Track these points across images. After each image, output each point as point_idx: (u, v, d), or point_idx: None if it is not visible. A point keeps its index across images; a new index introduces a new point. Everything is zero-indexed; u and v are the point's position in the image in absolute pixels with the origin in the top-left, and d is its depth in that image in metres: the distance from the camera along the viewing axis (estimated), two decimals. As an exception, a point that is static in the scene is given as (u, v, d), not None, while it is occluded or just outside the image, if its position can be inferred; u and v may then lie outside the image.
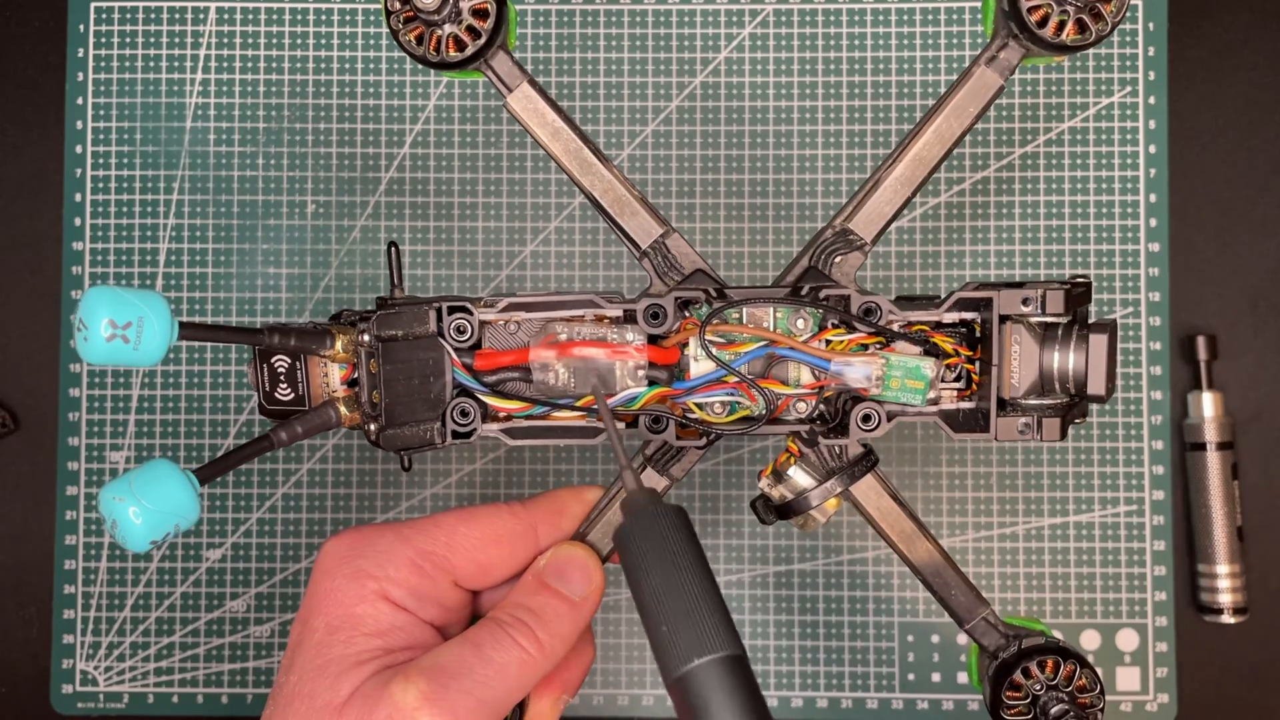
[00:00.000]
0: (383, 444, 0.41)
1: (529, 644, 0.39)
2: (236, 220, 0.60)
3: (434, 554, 0.40)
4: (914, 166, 0.42)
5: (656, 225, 0.42)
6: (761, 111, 0.59)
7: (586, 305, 0.42)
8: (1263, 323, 0.59)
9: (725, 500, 0.59)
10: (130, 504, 0.37)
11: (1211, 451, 0.57)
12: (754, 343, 0.41)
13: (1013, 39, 0.41)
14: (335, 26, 0.60)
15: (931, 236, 0.59)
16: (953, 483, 0.58)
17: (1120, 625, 0.58)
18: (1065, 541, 0.58)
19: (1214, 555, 0.57)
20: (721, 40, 0.59)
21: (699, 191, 0.59)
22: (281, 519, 0.59)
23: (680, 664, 0.34)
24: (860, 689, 0.58)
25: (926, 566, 0.43)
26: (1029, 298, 0.40)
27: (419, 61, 0.40)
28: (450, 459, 0.59)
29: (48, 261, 0.60)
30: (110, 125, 0.60)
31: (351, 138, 0.60)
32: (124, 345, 0.37)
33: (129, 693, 0.59)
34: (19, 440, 0.60)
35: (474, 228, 0.59)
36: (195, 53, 0.60)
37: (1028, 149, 0.59)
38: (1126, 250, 0.59)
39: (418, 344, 0.41)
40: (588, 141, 0.42)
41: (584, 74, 0.59)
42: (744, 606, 0.58)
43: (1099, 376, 0.40)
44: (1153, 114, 0.59)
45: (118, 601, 0.59)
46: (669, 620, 0.35)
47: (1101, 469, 0.58)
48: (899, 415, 0.42)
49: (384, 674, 0.37)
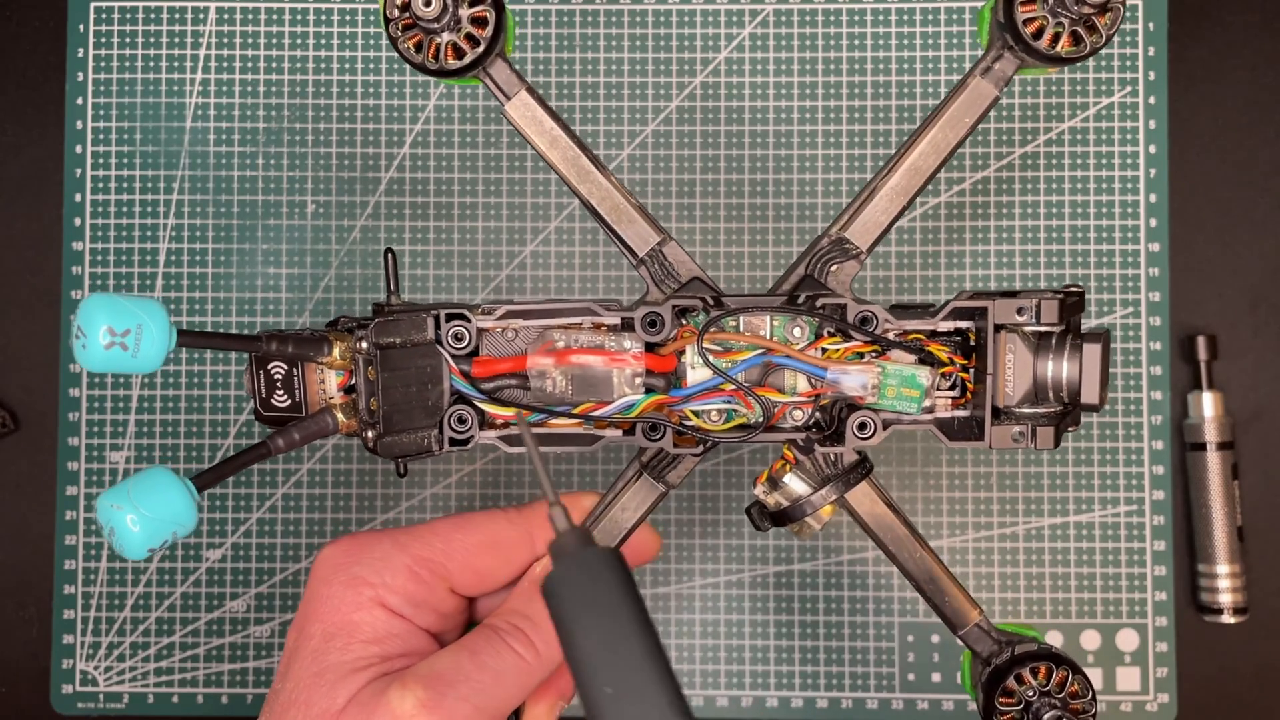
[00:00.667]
0: (380, 451, 0.41)
1: (525, 650, 0.39)
2: (236, 220, 0.60)
3: (431, 560, 0.40)
4: (909, 176, 0.42)
5: (654, 233, 0.43)
6: (761, 111, 0.59)
7: (584, 313, 0.42)
8: (1263, 323, 0.59)
9: (726, 500, 0.59)
10: (128, 512, 0.37)
11: (1211, 451, 0.57)
12: (751, 351, 0.41)
13: (1008, 50, 0.41)
14: (335, 26, 0.60)
15: (931, 236, 0.59)
16: (952, 483, 0.58)
17: (1120, 625, 0.58)
18: (1065, 541, 0.58)
19: (1214, 555, 0.57)
20: (721, 40, 0.59)
21: (699, 192, 0.59)
22: (281, 519, 0.59)
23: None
24: (860, 689, 0.58)
25: (920, 573, 0.43)
26: (1023, 307, 0.41)
27: (418, 69, 0.40)
28: (450, 459, 0.59)
29: (48, 261, 0.60)
30: (110, 125, 0.60)
31: (351, 138, 0.60)
32: (122, 353, 0.37)
33: (129, 693, 0.59)
34: (19, 440, 0.60)
35: (474, 228, 0.59)
36: (195, 53, 0.60)
37: (1028, 149, 0.59)
38: (1126, 250, 0.59)
39: (415, 351, 0.41)
40: (585, 150, 0.43)
41: (584, 74, 0.59)
42: (744, 606, 0.58)
43: (1093, 385, 0.40)
44: (1153, 114, 0.59)
45: (118, 601, 0.59)
46: (606, 683, 0.31)
47: (1101, 469, 0.58)
48: (895, 423, 0.42)
49: (381, 681, 0.37)
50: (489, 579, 0.42)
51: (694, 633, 0.58)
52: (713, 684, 0.58)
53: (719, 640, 0.58)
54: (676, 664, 0.58)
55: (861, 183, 0.59)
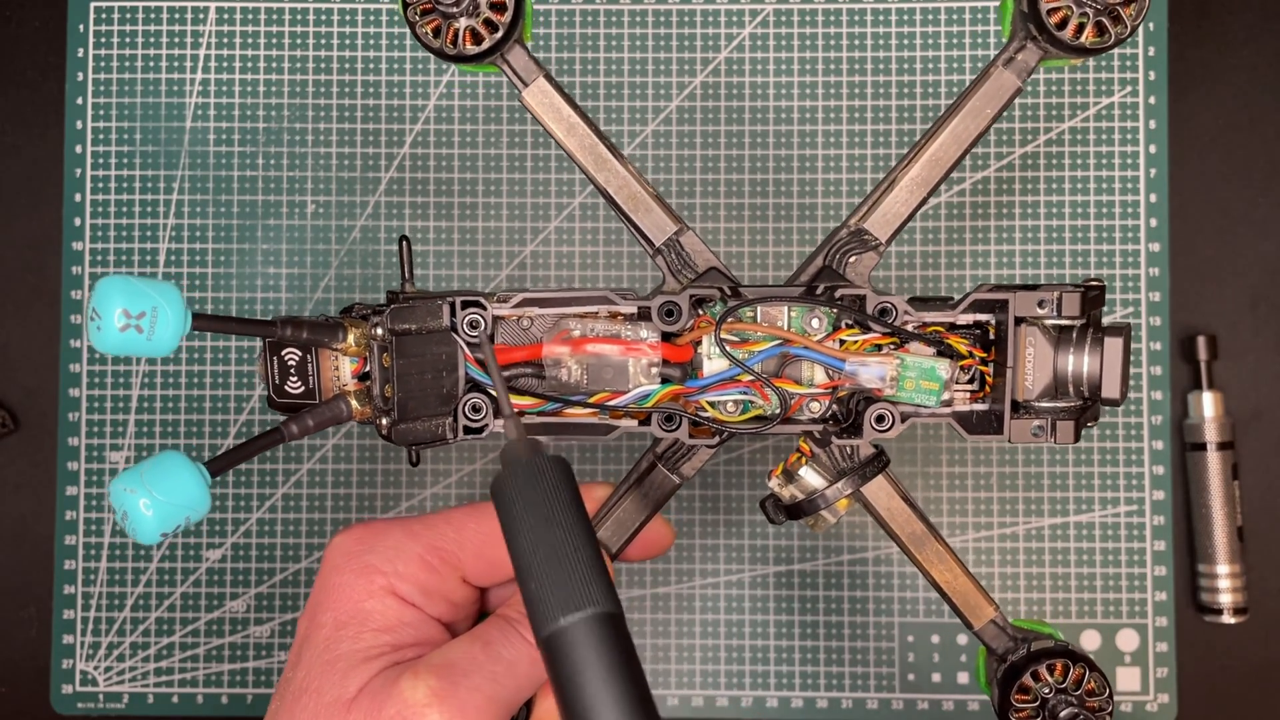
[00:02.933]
0: (395, 439, 0.41)
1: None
2: (236, 220, 0.60)
3: (443, 550, 0.40)
4: (930, 167, 0.42)
5: (671, 222, 0.42)
6: (761, 111, 0.59)
7: (601, 302, 0.41)
8: (1263, 323, 0.59)
9: (726, 500, 0.59)
10: (141, 495, 0.37)
11: (1212, 451, 0.57)
12: (768, 342, 0.41)
13: (1031, 41, 0.41)
14: (335, 26, 0.60)
15: (932, 237, 0.59)
16: (953, 483, 0.58)
17: (1120, 625, 0.58)
18: (1065, 541, 0.58)
19: (1214, 555, 0.57)
20: (721, 40, 0.59)
21: (699, 192, 0.59)
22: (281, 519, 0.59)
23: (548, 622, 0.31)
24: (860, 689, 0.58)
25: (936, 569, 0.43)
26: (1044, 300, 0.40)
27: (436, 55, 0.40)
28: (450, 459, 0.59)
29: (48, 261, 0.60)
30: (110, 125, 0.60)
31: (351, 138, 0.60)
32: (137, 335, 0.37)
33: (129, 693, 0.59)
34: (19, 440, 0.60)
35: (474, 228, 0.59)
36: (195, 53, 0.60)
37: (1028, 149, 0.59)
38: (1126, 250, 0.59)
39: (431, 338, 0.41)
40: (603, 137, 0.42)
41: (584, 74, 0.59)
42: (744, 606, 0.58)
43: (1114, 380, 0.40)
44: (1153, 114, 0.59)
45: (118, 602, 0.59)
46: (538, 576, 0.32)
47: (1102, 469, 0.58)
48: (913, 416, 0.41)
49: (392, 670, 0.37)
50: (501, 569, 0.41)
51: (694, 633, 0.58)
52: (713, 684, 0.58)
53: (719, 640, 0.58)
54: (676, 664, 0.58)
55: (862, 182, 0.59)
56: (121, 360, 0.59)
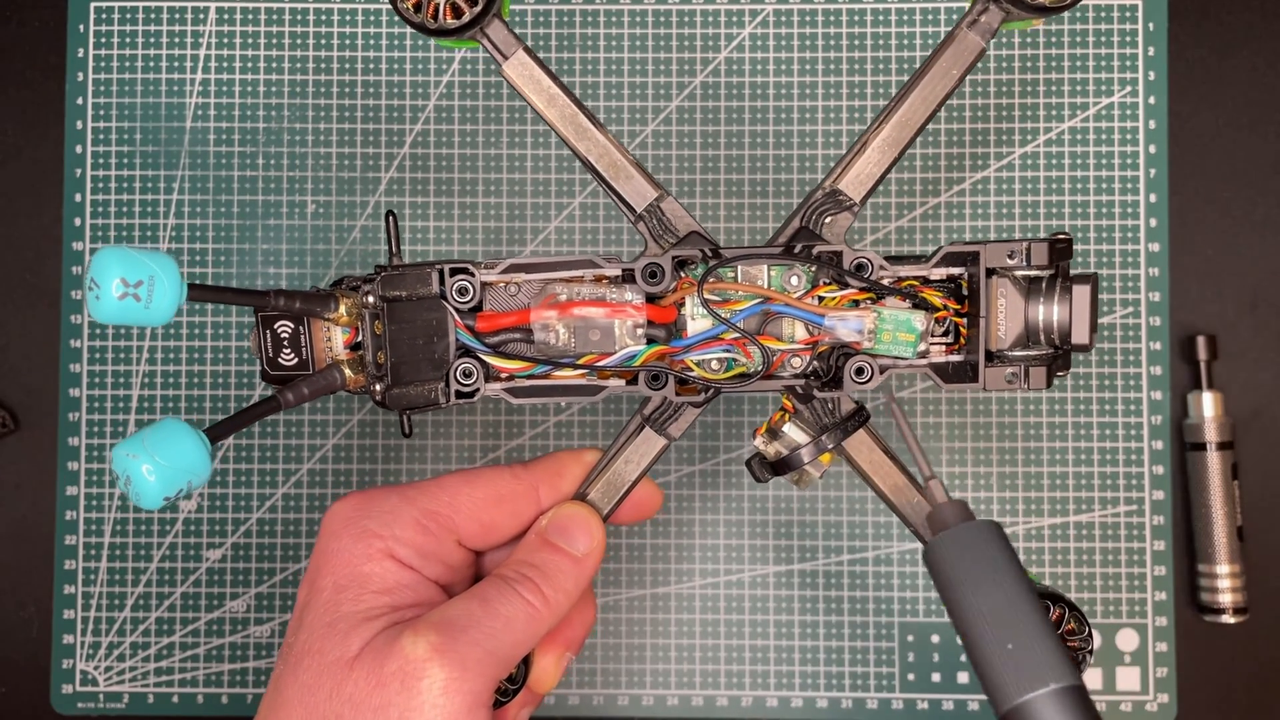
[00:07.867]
0: (389, 403, 0.42)
1: (535, 598, 0.40)
2: (236, 220, 0.60)
3: (438, 514, 0.41)
4: (900, 129, 0.43)
5: (651, 189, 0.44)
6: (762, 111, 0.59)
7: (585, 265, 0.43)
8: (1263, 323, 0.59)
9: (726, 500, 0.59)
10: (144, 461, 0.38)
11: (1211, 451, 0.57)
12: (749, 300, 0.42)
13: (993, 2, 0.42)
14: (335, 26, 0.60)
15: (932, 237, 0.59)
16: (952, 483, 0.58)
17: (1120, 625, 0.58)
18: (1065, 541, 0.58)
19: (1214, 555, 0.57)
20: (721, 40, 0.59)
21: (699, 192, 0.59)
22: (281, 519, 0.59)
23: (1022, 691, 0.33)
24: (860, 689, 0.58)
25: (918, 520, 0.44)
26: (1014, 251, 0.42)
27: (416, 29, 0.41)
28: (451, 459, 0.59)
29: (48, 261, 0.60)
30: (110, 125, 0.60)
31: (351, 138, 0.60)
32: (135, 304, 0.37)
33: (129, 693, 0.59)
34: (19, 440, 0.60)
35: (474, 228, 0.59)
36: (195, 53, 0.60)
37: (1028, 149, 0.59)
38: (1126, 250, 0.59)
39: (421, 305, 0.42)
40: (582, 107, 0.44)
41: (584, 74, 0.59)
42: (744, 607, 0.58)
43: (1082, 325, 0.41)
44: (1153, 114, 0.59)
45: (118, 602, 0.59)
46: (1014, 641, 0.34)
47: (1101, 469, 0.58)
48: (891, 368, 0.43)
49: (393, 629, 0.38)
50: (495, 533, 0.43)
51: (694, 633, 0.58)
52: (713, 684, 0.58)
53: (719, 640, 0.58)
54: (676, 664, 0.58)
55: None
56: (121, 360, 0.59)
